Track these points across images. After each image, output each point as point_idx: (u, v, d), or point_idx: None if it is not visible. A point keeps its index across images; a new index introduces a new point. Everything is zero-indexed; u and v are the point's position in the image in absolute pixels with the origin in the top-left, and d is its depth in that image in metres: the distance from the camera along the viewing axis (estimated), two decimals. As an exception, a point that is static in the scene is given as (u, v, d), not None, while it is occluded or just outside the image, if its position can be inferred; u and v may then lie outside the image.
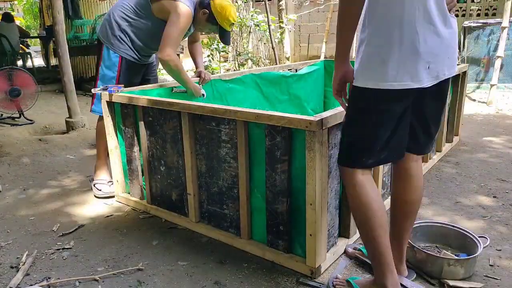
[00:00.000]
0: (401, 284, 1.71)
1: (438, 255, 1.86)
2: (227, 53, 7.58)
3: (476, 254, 1.81)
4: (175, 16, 2.40)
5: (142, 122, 2.35)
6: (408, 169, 1.63)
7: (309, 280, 1.78)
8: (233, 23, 2.64)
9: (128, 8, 2.59)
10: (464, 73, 3.55)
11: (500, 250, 2.02)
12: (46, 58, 10.15)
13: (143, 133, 2.37)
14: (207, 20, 2.58)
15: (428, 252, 1.84)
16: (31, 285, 1.79)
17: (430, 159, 3.15)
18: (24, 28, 10.89)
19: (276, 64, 6.47)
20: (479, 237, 1.91)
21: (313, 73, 4.10)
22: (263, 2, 6.31)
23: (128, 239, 2.19)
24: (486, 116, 5.04)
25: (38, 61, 11.46)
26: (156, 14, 2.53)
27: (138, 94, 2.42)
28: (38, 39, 12.79)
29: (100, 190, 2.72)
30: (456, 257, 1.84)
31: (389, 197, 2.50)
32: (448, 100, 3.31)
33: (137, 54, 2.67)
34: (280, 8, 7.23)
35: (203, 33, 2.90)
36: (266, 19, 6.39)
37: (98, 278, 1.83)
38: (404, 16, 1.32)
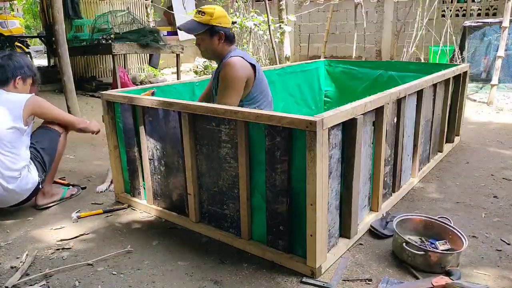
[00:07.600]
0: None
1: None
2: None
3: (462, 249, 1.88)
4: None
5: (142, 122, 2.35)
6: None
7: (313, 280, 1.78)
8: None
9: None
10: (465, 73, 3.56)
11: (500, 250, 2.02)
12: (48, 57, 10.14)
13: (143, 133, 2.36)
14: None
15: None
16: (31, 285, 1.79)
17: (431, 159, 3.15)
18: (23, 28, 10.87)
19: (277, 64, 6.47)
20: (440, 217, 2.16)
21: (308, 72, 4.11)
22: (263, 2, 6.31)
23: (128, 239, 2.19)
24: (486, 116, 5.03)
25: (39, 61, 11.46)
26: None
27: (137, 94, 2.42)
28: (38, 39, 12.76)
29: None
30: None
31: (389, 199, 2.50)
32: (449, 101, 3.31)
33: None
34: (280, 8, 7.22)
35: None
36: (266, 19, 6.39)
37: (92, 263, 1.89)
38: None
